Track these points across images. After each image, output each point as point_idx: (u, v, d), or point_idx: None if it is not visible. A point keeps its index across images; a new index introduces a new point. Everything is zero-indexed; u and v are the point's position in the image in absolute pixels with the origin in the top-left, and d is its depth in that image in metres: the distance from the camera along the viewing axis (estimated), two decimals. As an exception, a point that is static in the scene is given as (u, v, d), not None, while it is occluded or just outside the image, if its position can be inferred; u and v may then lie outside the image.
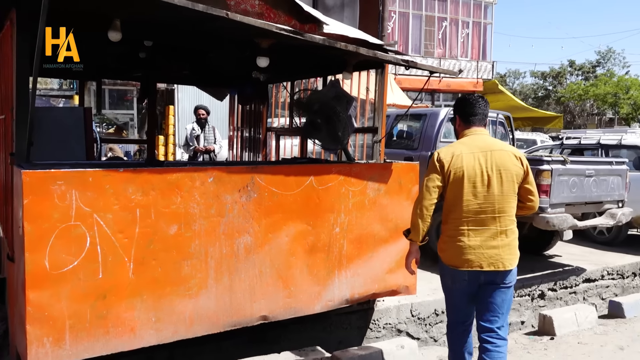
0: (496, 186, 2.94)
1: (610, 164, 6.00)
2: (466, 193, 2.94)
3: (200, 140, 8.13)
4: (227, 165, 3.72)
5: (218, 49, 4.62)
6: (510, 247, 2.97)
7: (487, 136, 3.16)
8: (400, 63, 3.54)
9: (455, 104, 3.28)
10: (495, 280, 2.96)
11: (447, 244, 3.06)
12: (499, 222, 2.95)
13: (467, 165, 2.95)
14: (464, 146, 3.04)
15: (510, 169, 2.97)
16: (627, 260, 6.84)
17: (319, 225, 3.70)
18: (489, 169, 2.95)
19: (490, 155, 2.98)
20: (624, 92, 25.87)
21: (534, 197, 3.10)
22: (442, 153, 3.05)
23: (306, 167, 3.68)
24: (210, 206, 3.24)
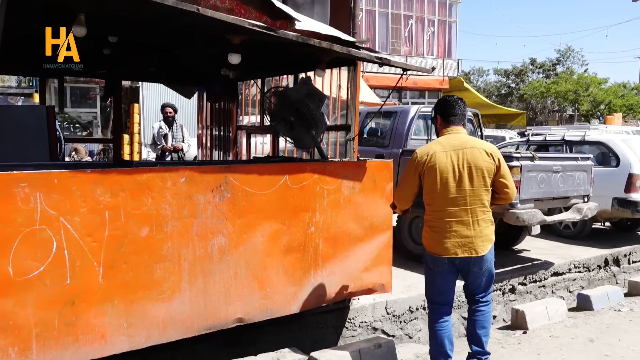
0: (467, 181, 3.20)
1: (576, 160, 6.13)
2: (440, 188, 3.21)
3: (167, 139, 7.96)
4: (200, 164, 3.62)
5: (187, 46, 4.50)
6: (482, 235, 3.28)
7: (462, 134, 3.35)
8: (374, 60, 3.51)
9: (436, 105, 3.48)
10: (470, 266, 3.31)
11: (428, 234, 3.34)
12: (471, 213, 3.21)
13: (440, 163, 3.20)
14: (439, 145, 3.28)
15: (481, 165, 3.21)
16: (592, 253, 7.01)
17: (294, 224, 3.65)
18: (460, 165, 3.20)
19: (462, 152, 3.22)
20: (584, 90, 26.65)
21: (509, 189, 3.31)
22: (419, 152, 3.30)
23: (280, 166, 3.62)
24: (183, 207, 3.15)
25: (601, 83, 26.23)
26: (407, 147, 6.69)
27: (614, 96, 25.27)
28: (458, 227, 3.20)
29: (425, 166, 3.22)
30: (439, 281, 3.41)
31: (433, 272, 3.40)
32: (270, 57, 4.65)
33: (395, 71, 20.13)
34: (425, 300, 5.04)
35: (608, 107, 25.30)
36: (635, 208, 7.09)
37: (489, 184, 3.22)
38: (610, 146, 7.49)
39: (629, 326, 4.65)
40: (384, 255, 4.16)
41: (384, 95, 21.44)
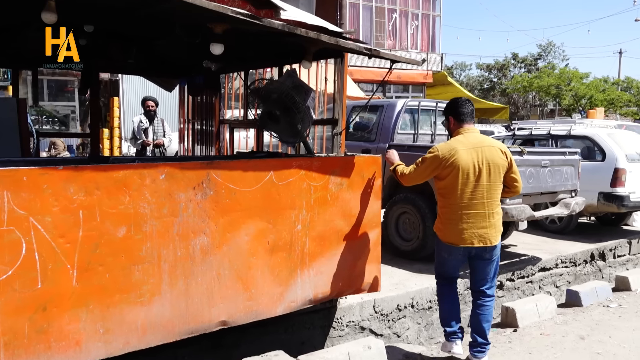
0: (485, 177, 3.49)
1: (563, 154, 6.07)
2: (461, 183, 3.47)
3: (148, 133, 7.74)
4: (181, 160, 3.46)
5: (166, 36, 4.32)
6: (495, 226, 3.58)
7: (478, 133, 3.65)
8: (363, 52, 3.37)
9: (447, 107, 3.72)
10: (483, 254, 3.59)
11: (444, 225, 3.60)
12: (487, 206, 3.52)
13: (462, 160, 3.45)
14: (460, 143, 3.52)
15: (498, 162, 3.53)
16: (579, 248, 6.99)
17: (280, 222, 3.50)
18: (480, 162, 3.48)
19: (482, 150, 3.50)
20: (566, 84, 26.84)
21: (518, 183, 3.71)
22: (441, 149, 3.51)
23: (265, 162, 3.46)
24: (163, 205, 2.99)
25: (583, 78, 26.44)
26: (394, 142, 6.58)
27: (595, 91, 25.49)
28: (476, 219, 3.49)
29: (447, 163, 3.45)
30: (450, 266, 3.73)
31: (447, 259, 3.69)
32: (254, 48, 4.48)
33: (380, 65, 19.97)
34: (413, 299, 4.96)
35: (589, 101, 25.52)
36: (621, 202, 7.08)
37: (502, 179, 3.58)
38: (596, 140, 7.47)
39: (618, 322, 4.60)
40: (372, 253, 4.04)
41: (367, 89, 21.35)
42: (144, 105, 7.87)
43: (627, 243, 7.60)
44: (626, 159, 7.19)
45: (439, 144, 3.62)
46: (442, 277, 3.83)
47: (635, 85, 27.36)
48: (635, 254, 7.80)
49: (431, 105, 7.10)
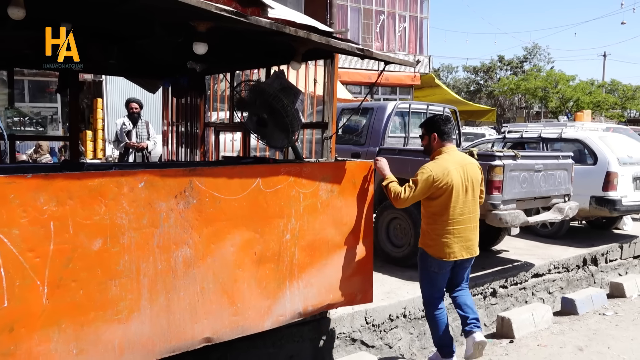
0: (470, 193, 3.72)
1: (557, 158, 5.96)
2: (454, 200, 3.63)
3: (132, 136, 7.51)
4: (161, 167, 3.26)
5: (149, 35, 4.11)
6: (477, 237, 3.85)
7: (458, 151, 3.86)
8: (356, 52, 3.20)
9: (432, 124, 3.78)
10: (466, 264, 3.88)
11: (435, 241, 3.73)
12: (473, 220, 3.77)
13: (455, 180, 3.61)
14: (450, 163, 3.65)
15: (477, 178, 3.82)
16: (571, 253, 6.90)
17: (268, 232, 3.31)
18: (466, 179, 3.68)
19: (466, 168, 3.71)
20: (553, 87, 26.94)
21: (483, 193, 3.98)
22: (435, 171, 3.59)
23: (252, 168, 3.27)
24: (142, 215, 2.79)
25: (569, 80, 26.57)
26: (384, 145, 6.42)
27: (582, 93, 25.61)
28: (465, 233, 3.69)
29: (442, 183, 3.57)
30: (441, 281, 3.84)
31: (437, 274, 3.80)
32: (240, 48, 4.30)
33: (368, 67, 19.82)
34: (405, 308, 4.80)
35: (576, 104, 25.64)
36: (613, 206, 6.99)
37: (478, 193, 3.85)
38: (587, 144, 7.38)
39: (616, 331, 4.49)
40: (365, 263, 3.87)
41: (355, 92, 21.21)
42: (127, 107, 7.64)
43: (619, 247, 7.53)
44: (618, 162, 7.11)
45: (429, 164, 3.67)
46: (433, 298, 3.87)
47: (621, 88, 27.56)
48: (627, 259, 7.73)
49: (422, 107, 6.96)
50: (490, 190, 5.09)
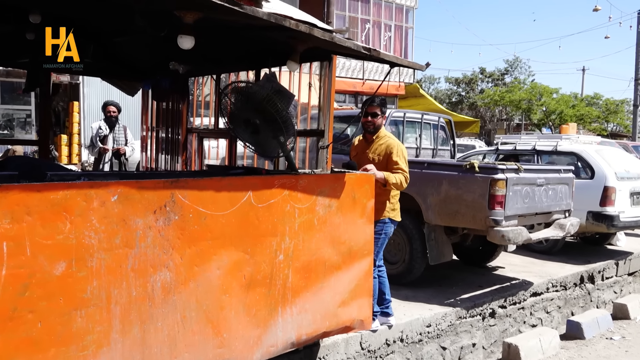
0: None
1: (558, 172, 5.70)
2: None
3: (108, 141, 7.05)
4: (138, 178, 2.87)
5: (126, 27, 3.73)
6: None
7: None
8: (361, 51, 2.85)
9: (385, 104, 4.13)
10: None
11: (395, 206, 4.10)
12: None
13: None
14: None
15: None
16: (568, 270, 6.64)
17: (259, 252, 2.94)
18: None
19: None
20: (537, 99, 27.02)
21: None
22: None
23: (242, 180, 2.90)
24: (114, 234, 2.39)
25: (553, 93, 26.68)
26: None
27: (566, 106, 25.73)
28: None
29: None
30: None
31: (389, 237, 4.13)
32: (228, 47, 3.93)
33: (352, 75, 19.51)
34: (402, 332, 4.45)
35: (559, 116, 25.73)
36: (611, 222, 6.76)
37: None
38: (583, 157, 7.16)
39: (627, 359, 4.20)
40: (363, 286, 3.51)
41: (339, 100, 20.93)
42: (104, 110, 7.17)
43: (615, 264, 7.30)
44: (615, 176, 6.90)
45: (395, 141, 4.01)
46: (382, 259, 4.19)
47: (604, 102, 27.79)
48: (622, 276, 7.52)
49: (416, 117, 6.66)
50: (492, 205, 4.79)
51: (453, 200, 5.06)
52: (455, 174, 5.06)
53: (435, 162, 5.68)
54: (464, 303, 5.10)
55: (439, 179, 5.16)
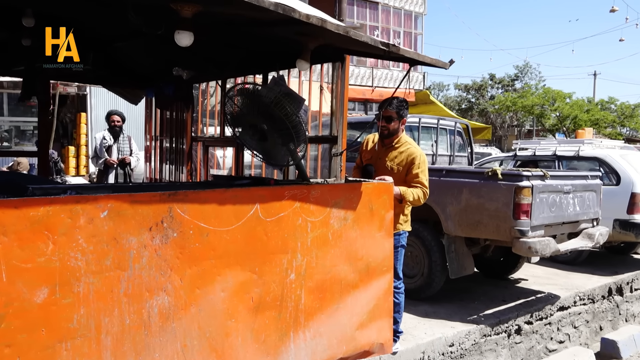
0: None
1: (585, 178, 5.36)
2: None
3: (112, 151, 6.84)
4: (133, 190, 2.60)
5: (123, 30, 3.49)
6: None
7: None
8: (379, 47, 2.57)
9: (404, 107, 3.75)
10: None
11: (409, 217, 3.84)
12: None
13: None
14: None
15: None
16: (595, 281, 6.28)
17: (268, 271, 2.65)
18: None
19: None
20: (550, 104, 26.55)
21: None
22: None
23: (249, 192, 2.62)
24: (104, 255, 2.12)
25: (566, 97, 26.22)
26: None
27: (580, 111, 25.25)
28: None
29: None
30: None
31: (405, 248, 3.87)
32: (232, 48, 3.67)
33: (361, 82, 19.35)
34: (424, 353, 4.13)
35: (574, 121, 25.25)
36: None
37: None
38: (608, 162, 6.81)
39: (670, 381, 3.85)
40: (382, 306, 3.21)
41: (349, 108, 20.67)
42: (108, 120, 6.98)
43: (643, 275, 6.92)
44: (643, 182, 6.54)
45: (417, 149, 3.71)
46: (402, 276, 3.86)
47: (619, 106, 27.26)
48: (651, 287, 7.13)
49: (432, 122, 6.37)
50: (518, 214, 4.47)
51: (474, 209, 4.74)
52: (477, 182, 4.75)
53: (454, 169, 5.38)
54: (488, 319, 4.77)
55: (459, 187, 4.85)
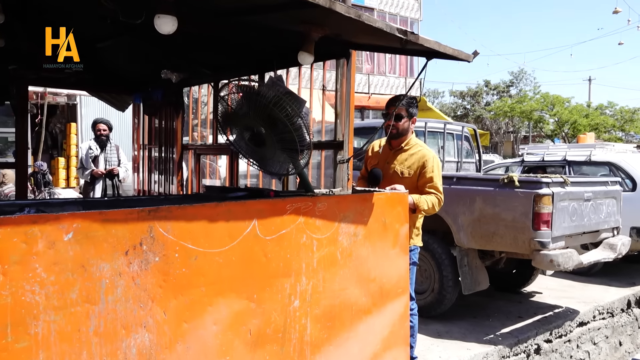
0: None
1: (605, 185, 5.02)
2: None
3: (99, 162, 6.43)
4: (106, 206, 2.22)
5: (103, 26, 3.12)
6: None
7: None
8: (395, 35, 2.20)
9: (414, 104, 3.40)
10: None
11: (420, 230, 3.46)
12: None
13: None
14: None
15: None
16: (613, 294, 5.92)
17: (268, 299, 2.27)
18: None
19: None
20: (549, 110, 26.29)
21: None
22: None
23: (245, 206, 2.24)
24: (69, 286, 1.74)
25: (565, 102, 25.97)
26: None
27: (579, 115, 25.01)
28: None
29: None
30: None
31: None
32: (224, 43, 3.31)
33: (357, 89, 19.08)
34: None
35: (573, 126, 25.00)
36: (659, 239, 6.05)
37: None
38: (623, 167, 6.48)
39: None
40: (398, 333, 2.83)
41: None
42: (94, 128, 6.58)
43: (662, 285, 6.57)
44: (661, 188, 6.21)
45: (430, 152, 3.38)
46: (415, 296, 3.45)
47: (618, 111, 27.04)
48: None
49: (439, 127, 6.02)
50: (538, 225, 4.11)
51: (489, 219, 4.38)
52: (491, 190, 4.39)
53: (466, 176, 5.02)
54: (506, 339, 4.39)
55: (472, 196, 4.49)
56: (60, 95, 14.14)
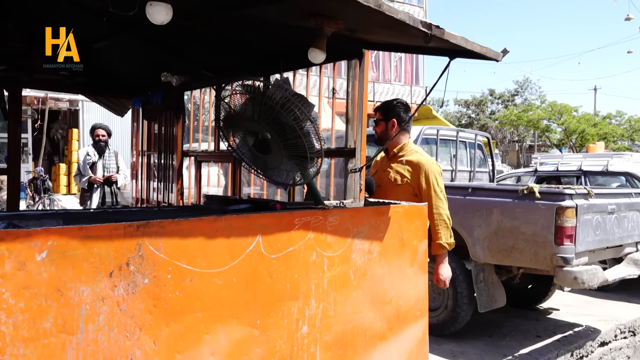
0: None
1: (629, 196, 4.75)
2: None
3: (97, 169, 6.21)
4: (90, 220, 1.98)
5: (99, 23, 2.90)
6: None
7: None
8: (419, 28, 1.95)
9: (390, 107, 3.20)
10: None
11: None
12: None
13: None
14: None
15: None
16: (634, 310, 5.64)
17: (273, 324, 2.01)
18: None
19: None
20: (557, 119, 26.00)
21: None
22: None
23: (248, 220, 1.99)
24: (43, 314, 1.49)
25: (573, 111, 25.68)
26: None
27: (587, 125, 24.72)
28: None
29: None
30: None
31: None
32: (226, 41, 3.08)
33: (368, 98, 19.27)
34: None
35: (581, 136, 24.69)
36: (681, 254, 5.76)
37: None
38: (642, 178, 6.21)
39: None
40: (417, 359, 2.56)
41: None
42: (92, 134, 6.37)
43: (683, 302, 6.27)
44: (682, 200, 5.92)
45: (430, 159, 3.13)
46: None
47: (627, 120, 26.74)
48: (689, 314, 6.47)
49: (451, 134, 5.76)
50: (560, 239, 3.85)
51: (507, 233, 4.12)
52: (510, 201, 4.13)
53: (482, 186, 4.75)
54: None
55: (489, 208, 4.23)
56: (62, 100, 13.98)
